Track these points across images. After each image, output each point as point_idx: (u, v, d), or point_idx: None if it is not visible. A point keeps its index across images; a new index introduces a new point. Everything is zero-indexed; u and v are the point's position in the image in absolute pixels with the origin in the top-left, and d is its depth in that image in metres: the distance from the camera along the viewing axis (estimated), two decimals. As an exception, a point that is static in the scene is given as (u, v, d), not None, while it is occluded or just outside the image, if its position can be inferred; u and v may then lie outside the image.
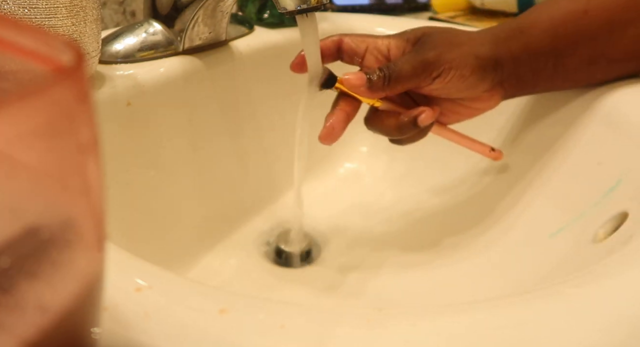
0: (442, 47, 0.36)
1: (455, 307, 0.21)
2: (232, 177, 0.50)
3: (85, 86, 0.12)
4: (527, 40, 0.37)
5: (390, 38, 0.38)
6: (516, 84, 0.38)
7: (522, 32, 0.38)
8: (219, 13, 0.45)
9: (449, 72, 0.35)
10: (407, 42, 0.37)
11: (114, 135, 0.40)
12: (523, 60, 0.37)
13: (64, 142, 0.12)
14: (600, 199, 0.35)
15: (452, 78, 0.36)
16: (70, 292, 0.13)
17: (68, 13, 0.33)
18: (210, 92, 0.47)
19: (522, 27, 0.38)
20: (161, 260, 0.34)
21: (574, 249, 0.34)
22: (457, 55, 0.36)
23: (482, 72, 0.36)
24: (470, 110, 0.39)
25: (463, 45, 0.36)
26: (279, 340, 0.19)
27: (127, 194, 0.40)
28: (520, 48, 0.37)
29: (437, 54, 0.35)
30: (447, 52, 0.35)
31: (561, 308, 0.20)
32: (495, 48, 0.37)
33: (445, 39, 0.36)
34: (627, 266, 0.23)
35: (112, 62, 0.42)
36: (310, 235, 0.49)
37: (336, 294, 0.44)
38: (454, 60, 0.35)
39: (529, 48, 0.37)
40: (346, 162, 0.58)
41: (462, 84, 0.36)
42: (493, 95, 0.38)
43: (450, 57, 0.35)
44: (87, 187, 0.13)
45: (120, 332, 0.18)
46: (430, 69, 0.35)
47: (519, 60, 0.37)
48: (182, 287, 0.21)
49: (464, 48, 0.36)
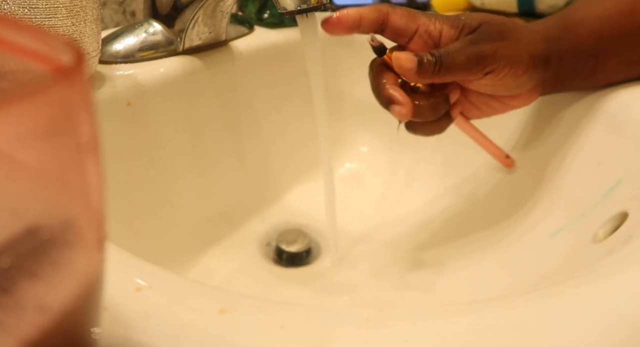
0: (500, 42, 0.34)
1: (455, 307, 0.21)
2: (232, 177, 0.50)
3: (85, 86, 0.12)
4: (573, 40, 0.36)
5: (444, 22, 0.35)
6: (556, 83, 0.37)
7: (569, 31, 0.37)
8: (219, 13, 0.45)
9: (502, 70, 0.34)
10: (460, 31, 0.35)
11: (114, 135, 0.40)
12: (569, 59, 0.36)
13: (64, 142, 0.12)
14: (600, 199, 0.35)
15: (504, 76, 0.34)
16: (70, 292, 0.13)
17: (68, 13, 0.33)
18: (210, 92, 0.47)
19: (569, 25, 0.37)
20: (161, 260, 0.34)
21: (574, 249, 0.34)
22: (513, 52, 0.34)
23: (533, 71, 0.35)
24: (506, 107, 0.38)
25: (520, 41, 0.35)
26: (279, 340, 0.19)
27: (127, 194, 0.40)
28: (567, 48, 0.36)
29: (494, 49, 0.34)
30: (504, 48, 0.34)
31: (561, 308, 0.20)
32: (547, 46, 0.36)
33: (504, 33, 0.34)
34: (627, 266, 0.23)
35: (112, 62, 0.42)
36: (310, 235, 0.49)
37: (336, 294, 0.44)
38: (510, 57, 0.34)
39: (574, 48, 0.36)
40: (346, 162, 0.58)
41: (513, 82, 0.35)
42: (533, 94, 0.37)
43: (507, 53, 0.34)
44: (87, 187, 0.13)
45: (120, 332, 0.18)
46: (484, 63, 0.33)
47: (564, 60, 0.36)
48: (182, 287, 0.21)
49: (520, 45, 0.35)
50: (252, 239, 0.49)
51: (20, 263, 0.12)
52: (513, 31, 0.35)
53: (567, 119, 0.41)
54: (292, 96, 0.55)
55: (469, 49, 0.34)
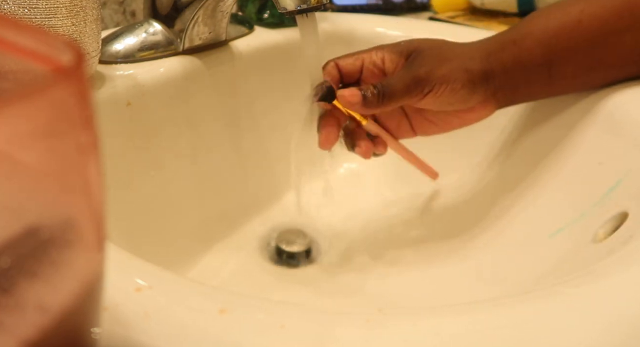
0: (433, 63, 0.37)
1: (455, 307, 0.21)
2: (232, 177, 0.50)
3: (85, 86, 0.12)
4: (518, 51, 0.38)
5: (385, 50, 0.39)
6: (510, 94, 0.39)
7: (514, 43, 0.38)
8: (219, 13, 0.45)
9: (439, 88, 0.36)
10: (400, 55, 0.38)
11: (114, 135, 0.40)
12: (516, 71, 0.38)
13: (63, 142, 0.12)
14: (600, 199, 0.35)
15: (443, 92, 0.36)
16: (70, 292, 0.13)
17: (68, 13, 0.33)
18: (210, 92, 0.47)
19: (514, 38, 0.38)
20: (161, 260, 0.34)
21: (573, 249, 0.34)
22: (447, 71, 0.36)
23: (472, 85, 0.37)
24: (463, 120, 0.40)
25: (453, 60, 0.37)
26: (278, 340, 0.19)
27: (127, 194, 0.40)
28: (511, 60, 0.38)
29: (428, 71, 0.36)
30: (437, 68, 0.36)
31: (561, 308, 0.20)
32: (486, 61, 0.38)
33: (436, 55, 0.37)
34: (627, 266, 0.23)
35: (112, 62, 0.42)
36: (310, 235, 0.49)
37: (336, 294, 0.44)
38: (444, 75, 0.36)
39: (521, 59, 0.38)
40: (346, 162, 0.58)
41: (453, 98, 0.37)
42: (486, 106, 0.39)
43: (441, 73, 0.36)
44: (87, 187, 0.13)
45: (120, 332, 0.18)
46: (422, 85, 0.36)
47: (511, 72, 0.38)
48: (182, 287, 0.21)
49: (454, 63, 0.37)
50: (252, 239, 0.49)
51: (20, 263, 0.12)
52: (446, 52, 0.38)
53: (567, 119, 0.41)
54: (292, 96, 0.55)
55: (406, 76, 0.37)
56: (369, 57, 0.39)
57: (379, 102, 0.36)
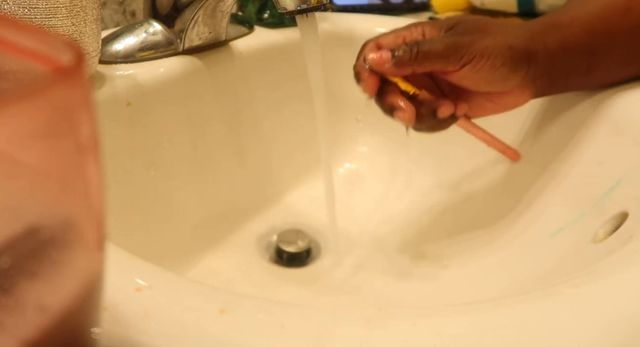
0: (477, 34, 0.35)
1: (455, 307, 0.21)
2: (232, 177, 0.50)
3: (85, 86, 0.12)
4: (563, 36, 0.36)
5: (424, 25, 0.37)
6: (548, 82, 0.37)
7: (559, 27, 0.37)
8: (219, 13, 0.45)
9: (479, 60, 0.34)
10: (440, 29, 0.37)
11: (114, 135, 0.40)
12: (558, 56, 0.36)
13: (63, 142, 0.12)
14: (600, 199, 0.35)
15: (482, 67, 0.34)
16: (70, 292, 0.13)
17: (68, 13, 0.33)
18: (210, 92, 0.47)
19: (559, 22, 0.37)
20: (161, 260, 0.34)
21: (574, 249, 0.34)
22: (490, 44, 0.34)
23: (513, 64, 0.35)
24: (497, 106, 0.38)
25: (497, 34, 0.35)
26: (278, 340, 0.19)
27: (127, 194, 0.40)
28: (556, 44, 0.36)
29: (471, 40, 0.34)
30: (480, 39, 0.34)
31: (561, 308, 0.20)
32: (531, 41, 0.36)
33: (481, 27, 0.36)
34: (627, 266, 0.23)
35: (112, 62, 0.42)
36: (310, 235, 0.49)
37: (336, 294, 0.44)
38: (486, 47, 0.34)
39: (565, 44, 0.36)
40: (346, 162, 0.58)
41: (491, 75, 0.35)
42: (524, 92, 0.37)
43: (484, 45, 0.34)
44: (87, 187, 0.13)
45: (120, 332, 0.18)
46: (461, 52, 0.34)
47: (554, 57, 0.36)
48: (182, 287, 0.21)
49: (497, 37, 0.35)
50: (252, 239, 0.49)
51: (20, 263, 0.12)
52: (490, 26, 0.36)
53: (567, 119, 0.41)
54: (292, 96, 0.55)
55: (446, 39, 0.35)
56: (409, 33, 0.37)
57: (411, 59, 0.34)
